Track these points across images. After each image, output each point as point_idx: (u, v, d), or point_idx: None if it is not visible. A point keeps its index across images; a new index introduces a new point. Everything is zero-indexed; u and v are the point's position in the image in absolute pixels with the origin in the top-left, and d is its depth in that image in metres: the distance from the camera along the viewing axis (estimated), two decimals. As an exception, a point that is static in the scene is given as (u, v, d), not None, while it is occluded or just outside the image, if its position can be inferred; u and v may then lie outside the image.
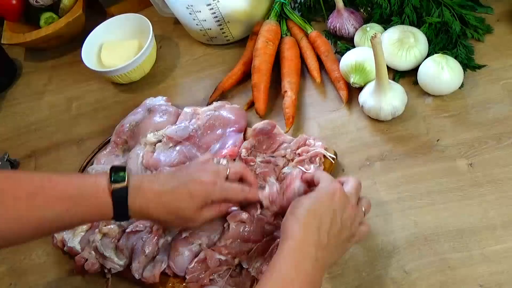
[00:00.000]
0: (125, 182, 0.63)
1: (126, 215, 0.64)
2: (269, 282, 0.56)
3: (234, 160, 0.81)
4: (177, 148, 0.85)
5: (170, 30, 1.13)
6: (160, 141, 0.87)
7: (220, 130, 0.85)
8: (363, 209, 0.65)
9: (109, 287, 0.77)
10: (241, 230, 0.73)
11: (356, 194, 0.65)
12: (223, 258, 0.72)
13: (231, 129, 0.85)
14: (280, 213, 0.70)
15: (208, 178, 0.67)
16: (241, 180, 0.72)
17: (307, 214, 0.60)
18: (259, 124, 0.81)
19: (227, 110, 0.87)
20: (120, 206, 0.63)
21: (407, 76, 0.87)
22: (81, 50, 1.04)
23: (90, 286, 0.79)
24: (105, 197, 0.62)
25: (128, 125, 0.91)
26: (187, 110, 0.89)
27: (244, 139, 0.84)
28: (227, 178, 0.69)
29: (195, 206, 0.66)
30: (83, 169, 0.92)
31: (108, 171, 0.64)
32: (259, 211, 0.73)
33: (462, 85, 0.82)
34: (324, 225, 0.59)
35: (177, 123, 0.88)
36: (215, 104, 0.88)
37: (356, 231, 0.64)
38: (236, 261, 0.73)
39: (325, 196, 0.62)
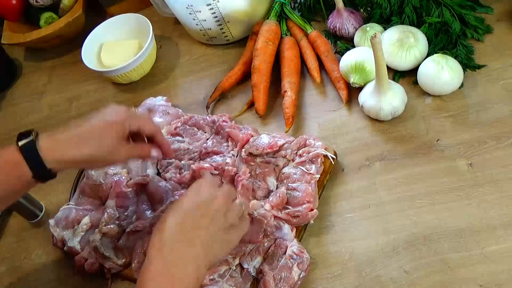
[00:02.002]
0: (31, 136, 0.62)
1: (43, 168, 0.62)
2: None
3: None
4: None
5: (170, 30, 1.13)
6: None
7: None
8: (241, 204, 0.65)
9: (110, 287, 0.77)
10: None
11: (228, 190, 0.65)
12: (223, 258, 0.72)
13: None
14: None
15: (121, 109, 0.67)
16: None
17: (171, 211, 0.61)
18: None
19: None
20: (33, 160, 0.61)
21: (407, 76, 0.87)
22: (81, 50, 1.04)
23: (90, 286, 0.79)
24: (16, 156, 0.61)
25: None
26: None
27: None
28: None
29: (113, 134, 0.65)
30: (83, 169, 0.92)
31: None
32: (258, 212, 0.74)
33: (462, 85, 0.82)
34: (187, 219, 0.60)
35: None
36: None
37: (235, 223, 0.64)
38: (236, 261, 0.73)
39: (190, 189, 0.63)
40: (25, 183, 0.64)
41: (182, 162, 0.84)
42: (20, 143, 0.62)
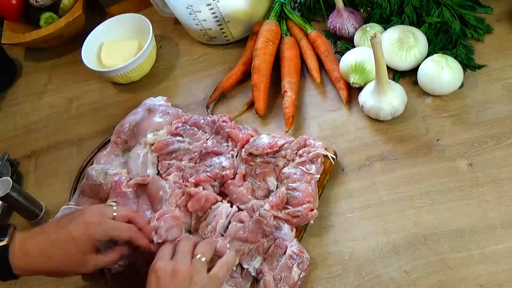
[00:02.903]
0: (6, 240, 0.63)
1: (10, 273, 0.63)
2: None
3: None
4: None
5: (170, 30, 1.13)
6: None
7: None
8: (200, 258, 0.64)
9: (110, 287, 0.77)
10: (239, 230, 0.73)
11: (183, 254, 0.64)
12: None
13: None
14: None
15: (91, 219, 0.66)
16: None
17: None
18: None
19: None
20: (2, 264, 0.62)
21: (407, 76, 0.87)
22: (81, 50, 1.04)
23: (90, 286, 0.79)
24: None
25: (128, 125, 0.91)
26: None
27: None
28: (113, 220, 0.68)
29: (80, 249, 0.65)
30: (82, 169, 0.92)
31: None
32: (257, 212, 0.74)
33: (462, 85, 0.82)
34: None
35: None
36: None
37: (206, 281, 0.62)
38: (236, 261, 0.73)
39: (148, 282, 0.62)
40: None
41: (182, 162, 0.84)
42: None
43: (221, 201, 0.79)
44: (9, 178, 0.84)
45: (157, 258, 0.64)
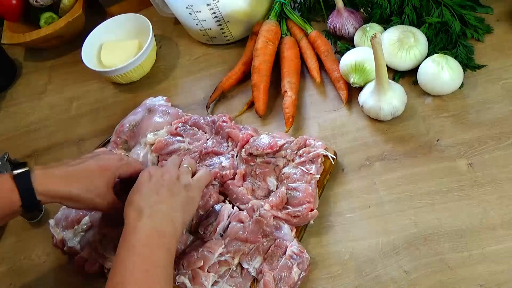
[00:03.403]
0: (27, 167, 0.67)
1: (33, 198, 0.65)
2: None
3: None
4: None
5: (170, 30, 1.13)
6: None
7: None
8: (187, 167, 0.73)
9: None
10: (238, 230, 0.73)
11: (172, 162, 0.73)
12: (222, 258, 0.72)
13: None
14: None
15: (114, 156, 0.74)
16: None
17: (133, 195, 0.67)
18: None
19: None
20: (25, 189, 0.64)
21: (407, 76, 0.87)
22: (81, 50, 1.04)
23: (90, 286, 0.79)
24: (9, 184, 0.64)
25: (128, 125, 0.91)
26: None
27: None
28: None
29: (105, 179, 0.70)
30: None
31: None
32: (257, 212, 0.74)
33: (462, 85, 0.82)
34: (148, 191, 0.66)
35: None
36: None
37: (190, 181, 0.70)
38: (236, 261, 0.73)
39: (140, 177, 0.69)
40: (11, 211, 0.66)
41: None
42: (16, 172, 0.65)
43: (224, 201, 0.79)
44: (9, 178, 0.83)
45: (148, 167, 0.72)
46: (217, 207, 0.77)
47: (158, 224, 0.64)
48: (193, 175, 0.73)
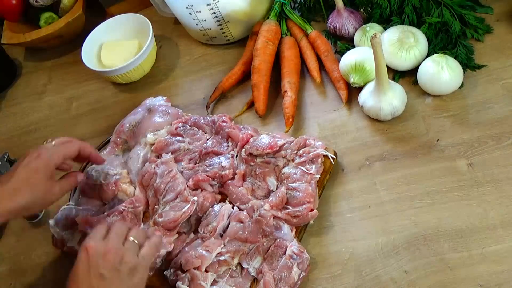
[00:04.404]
0: None
1: None
2: None
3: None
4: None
5: (170, 30, 1.13)
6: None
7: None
8: (133, 241, 0.65)
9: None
10: (238, 230, 0.73)
11: (117, 235, 0.64)
12: (222, 258, 0.72)
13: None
14: None
15: (41, 151, 0.71)
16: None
17: (70, 283, 0.61)
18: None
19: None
20: None
21: (407, 76, 0.87)
22: (81, 50, 1.04)
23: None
24: None
25: (128, 125, 0.91)
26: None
27: None
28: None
29: (41, 176, 0.69)
30: (83, 169, 0.92)
31: None
32: (257, 212, 0.74)
33: (462, 85, 0.82)
34: (83, 284, 0.60)
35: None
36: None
37: (136, 262, 0.63)
38: (236, 261, 0.73)
39: (79, 258, 0.62)
40: None
41: (182, 163, 0.84)
42: None
43: (224, 201, 0.79)
44: (9, 178, 0.83)
45: (89, 237, 0.64)
46: (217, 207, 0.77)
47: None
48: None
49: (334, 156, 0.79)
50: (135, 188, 0.83)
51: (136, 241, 0.65)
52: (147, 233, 0.69)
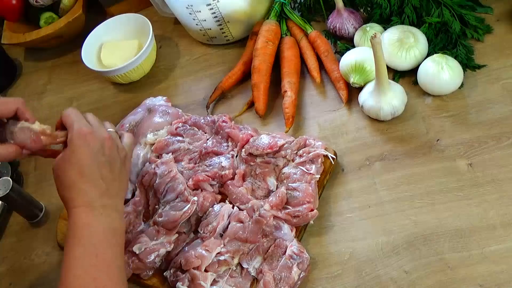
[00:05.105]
0: None
1: None
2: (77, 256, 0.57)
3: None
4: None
5: (170, 30, 1.13)
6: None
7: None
8: (114, 132, 0.66)
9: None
10: (238, 230, 0.73)
11: (98, 123, 0.65)
12: (222, 258, 0.72)
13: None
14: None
15: None
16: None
17: (74, 174, 0.59)
18: None
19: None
20: None
21: (407, 76, 0.87)
22: (81, 50, 1.04)
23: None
24: None
25: (128, 125, 0.91)
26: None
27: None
28: None
29: None
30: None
31: None
32: (257, 212, 0.74)
33: (462, 85, 0.82)
34: (93, 173, 0.60)
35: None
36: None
37: (125, 153, 0.65)
38: (236, 261, 0.73)
39: (78, 146, 0.60)
40: None
41: (182, 163, 0.84)
42: None
43: (224, 201, 0.79)
44: (9, 178, 0.84)
45: (75, 121, 0.62)
46: (217, 207, 0.77)
47: (111, 221, 0.60)
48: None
49: (334, 156, 0.79)
50: (135, 189, 0.83)
51: (115, 132, 0.67)
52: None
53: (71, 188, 0.60)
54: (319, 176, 0.77)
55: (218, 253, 0.72)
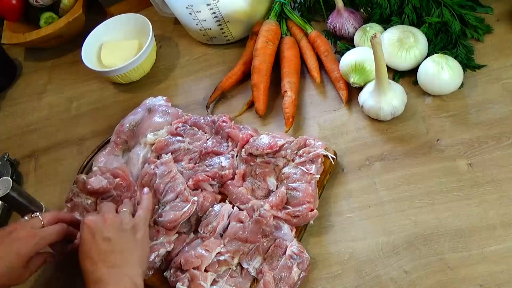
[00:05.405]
0: None
1: None
2: None
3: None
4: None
5: (170, 30, 1.13)
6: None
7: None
8: (125, 211, 0.70)
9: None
10: (238, 230, 0.73)
11: (108, 208, 0.70)
12: (222, 258, 0.72)
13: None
14: None
15: (25, 233, 0.68)
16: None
17: (84, 261, 0.64)
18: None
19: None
20: None
21: (407, 76, 0.87)
22: (81, 50, 1.04)
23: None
24: None
25: (128, 125, 0.91)
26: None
27: None
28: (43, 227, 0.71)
29: (22, 263, 0.67)
30: (82, 169, 0.92)
31: None
32: (257, 212, 0.74)
33: (462, 85, 0.82)
34: (97, 255, 0.64)
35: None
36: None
37: (134, 222, 0.69)
38: (236, 261, 0.73)
39: (82, 234, 0.66)
40: None
41: (182, 163, 0.84)
42: None
43: (224, 201, 0.79)
44: (9, 178, 0.83)
45: (85, 216, 0.70)
46: (217, 207, 0.77)
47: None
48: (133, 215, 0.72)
49: (334, 156, 0.79)
50: (136, 188, 0.83)
51: (127, 210, 0.71)
52: (136, 199, 0.76)
53: (85, 274, 0.64)
54: (319, 176, 0.77)
55: (218, 253, 0.72)
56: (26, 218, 0.71)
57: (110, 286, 0.61)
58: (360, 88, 0.85)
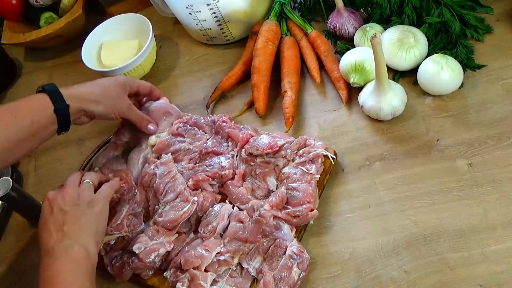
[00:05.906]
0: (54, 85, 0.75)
1: (62, 101, 0.73)
2: None
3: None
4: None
5: (170, 30, 1.13)
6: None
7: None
8: (88, 182, 0.74)
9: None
10: (238, 230, 0.73)
11: (71, 180, 0.73)
12: (222, 257, 0.72)
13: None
14: None
15: (123, 76, 0.88)
16: None
17: (42, 232, 0.69)
18: None
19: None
20: (52, 92, 0.73)
21: (407, 76, 0.87)
22: (81, 50, 1.04)
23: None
24: (41, 96, 0.73)
25: (129, 127, 0.91)
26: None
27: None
28: None
29: (119, 87, 0.82)
30: (83, 169, 0.92)
31: None
32: (257, 212, 0.74)
33: (462, 85, 0.82)
34: (53, 226, 0.68)
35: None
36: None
37: (93, 196, 0.72)
38: (236, 261, 0.73)
39: (43, 207, 0.71)
40: (48, 118, 0.72)
41: (182, 163, 0.84)
42: (44, 86, 0.74)
43: (224, 201, 0.79)
44: (9, 178, 0.83)
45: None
46: (217, 207, 0.77)
47: (73, 257, 0.65)
48: (99, 186, 0.75)
49: (334, 156, 0.79)
50: (136, 190, 0.83)
51: (90, 182, 0.74)
52: (105, 177, 0.79)
53: (40, 244, 0.68)
54: (319, 176, 0.77)
55: (218, 253, 0.72)
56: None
57: (62, 253, 0.65)
58: (360, 88, 0.85)
